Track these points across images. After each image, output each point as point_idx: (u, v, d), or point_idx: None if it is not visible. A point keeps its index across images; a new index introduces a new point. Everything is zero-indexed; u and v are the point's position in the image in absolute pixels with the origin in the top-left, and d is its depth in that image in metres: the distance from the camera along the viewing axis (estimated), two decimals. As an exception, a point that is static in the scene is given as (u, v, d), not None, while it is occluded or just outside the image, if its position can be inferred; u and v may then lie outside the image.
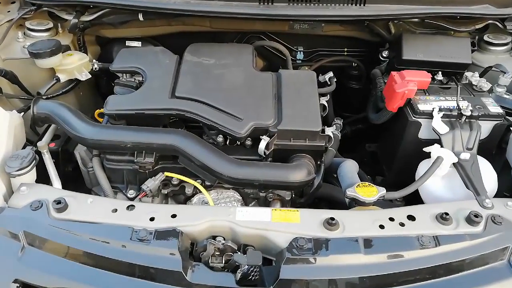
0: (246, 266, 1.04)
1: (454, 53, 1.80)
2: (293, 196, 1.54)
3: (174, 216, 1.19)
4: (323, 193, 1.60)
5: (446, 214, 1.19)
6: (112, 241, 1.11)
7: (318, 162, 1.51)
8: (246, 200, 1.53)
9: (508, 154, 1.55)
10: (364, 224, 1.18)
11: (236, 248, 1.15)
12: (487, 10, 1.82)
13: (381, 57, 1.99)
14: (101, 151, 1.53)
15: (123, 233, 1.12)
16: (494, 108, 1.58)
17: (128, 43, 2.08)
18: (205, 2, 1.77)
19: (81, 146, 1.60)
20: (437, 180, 1.44)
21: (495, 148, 1.62)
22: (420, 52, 1.80)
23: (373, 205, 1.33)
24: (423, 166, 1.49)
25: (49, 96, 1.79)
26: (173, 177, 1.50)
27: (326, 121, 1.75)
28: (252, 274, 1.04)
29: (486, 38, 1.96)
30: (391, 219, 1.20)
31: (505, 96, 1.70)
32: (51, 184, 1.42)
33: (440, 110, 1.54)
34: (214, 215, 1.20)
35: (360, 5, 1.78)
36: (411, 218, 1.20)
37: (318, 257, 1.07)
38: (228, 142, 1.53)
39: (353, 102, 2.25)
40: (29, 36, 1.90)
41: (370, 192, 1.32)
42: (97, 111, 1.79)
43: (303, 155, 1.47)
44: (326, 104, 1.71)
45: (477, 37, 1.99)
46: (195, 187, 1.48)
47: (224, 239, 1.16)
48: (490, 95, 1.68)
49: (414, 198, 1.47)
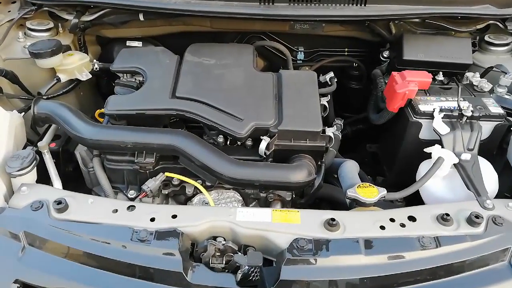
0: (247, 267, 1.04)
1: (455, 54, 1.79)
2: (294, 197, 1.54)
3: (175, 217, 1.19)
4: (324, 194, 1.60)
5: (447, 215, 1.18)
6: (113, 242, 1.11)
7: (319, 163, 1.51)
8: (247, 201, 1.53)
9: (509, 155, 1.55)
10: (365, 225, 1.18)
11: (237, 249, 1.15)
12: (488, 10, 1.82)
13: (382, 57, 1.98)
14: (102, 151, 1.53)
15: (124, 234, 1.12)
16: (495, 109, 1.57)
17: (129, 43, 2.08)
18: (206, 2, 1.77)
19: (82, 146, 1.60)
20: (438, 181, 1.44)
21: (496, 149, 1.62)
22: (421, 53, 1.80)
23: (374, 206, 1.32)
24: (424, 167, 1.48)
25: (50, 96, 1.79)
26: (174, 178, 1.49)
27: (327, 122, 1.75)
28: (253, 275, 1.04)
29: (487, 39, 1.95)
30: (392, 220, 1.20)
31: (506, 97, 1.69)
32: (52, 184, 1.42)
33: (441, 111, 1.53)
34: (215, 216, 1.20)
35: (361, 5, 1.78)
36: (412, 219, 1.20)
37: (319, 258, 1.07)
38: (229, 143, 1.53)
39: (354, 103, 2.25)
40: (30, 36, 1.90)
41: (371, 193, 1.32)
42: (98, 111, 1.79)
43: (304, 156, 1.47)
44: (327, 105, 1.71)
45: (478, 38, 1.99)
46: (196, 188, 1.48)
47: (225, 240, 1.16)
48: (491, 96, 1.67)
49: (415, 199, 1.47)
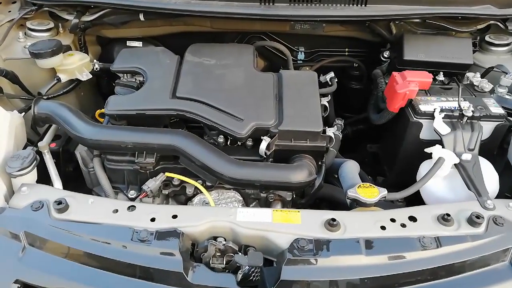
0: (247, 267, 1.04)
1: (456, 54, 1.79)
2: (294, 197, 1.53)
3: (175, 217, 1.19)
4: (324, 194, 1.60)
5: (448, 215, 1.18)
6: (113, 242, 1.11)
7: (319, 163, 1.51)
8: (247, 201, 1.53)
9: (510, 155, 1.54)
10: (365, 225, 1.18)
11: (237, 249, 1.15)
12: (489, 11, 1.82)
13: (382, 58, 1.98)
14: (102, 152, 1.53)
15: (124, 234, 1.12)
16: (496, 109, 1.57)
17: (129, 43, 2.08)
18: (206, 2, 1.77)
19: (82, 146, 1.60)
20: (439, 181, 1.44)
21: (497, 149, 1.62)
22: (422, 53, 1.79)
23: (374, 206, 1.32)
24: (425, 167, 1.48)
25: (50, 96, 1.79)
26: (174, 178, 1.49)
27: (327, 122, 1.75)
28: (253, 275, 1.04)
29: (488, 39, 1.95)
30: (393, 220, 1.20)
31: (507, 97, 1.69)
32: (52, 185, 1.42)
33: (442, 111, 1.53)
34: (215, 216, 1.20)
35: (361, 6, 1.78)
36: (413, 219, 1.20)
37: (319, 258, 1.07)
38: (229, 143, 1.53)
39: (354, 103, 2.25)
40: (30, 36, 1.90)
41: (371, 193, 1.32)
42: (98, 111, 1.79)
43: (304, 156, 1.46)
44: (327, 105, 1.71)
45: (479, 38, 1.99)
46: (196, 188, 1.48)
47: (225, 240, 1.16)
48: (492, 96, 1.67)
49: (416, 199, 1.46)
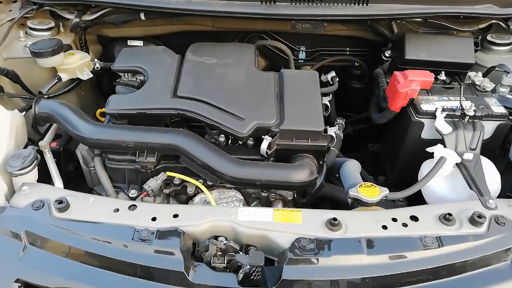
0: (248, 267, 1.04)
1: (457, 53, 1.78)
2: (295, 196, 1.53)
3: (176, 216, 1.18)
4: (326, 193, 1.59)
5: (449, 215, 1.18)
6: (114, 241, 1.11)
7: (320, 162, 1.50)
8: (248, 200, 1.53)
9: (512, 154, 1.54)
10: (367, 225, 1.18)
11: (238, 248, 1.14)
12: (491, 10, 1.81)
13: (384, 57, 1.98)
14: (103, 151, 1.53)
15: (125, 233, 1.12)
16: (498, 108, 1.57)
17: (130, 43, 2.08)
18: (207, 2, 1.77)
19: (83, 146, 1.60)
20: (440, 181, 1.43)
21: (499, 149, 1.61)
22: (423, 52, 1.79)
23: (376, 206, 1.32)
24: (426, 166, 1.48)
25: (51, 96, 1.79)
26: (175, 177, 1.49)
27: (328, 121, 1.75)
28: (254, 275, 1.04)
29: (489, 38, 1.95)
30: (394, 220, 1.19)
31: (509, 96, 1.68)
32: (53, 184, 1.42)
33: (443, 110, 1.53)
34: (216, 215, 1.20)
35: (363, 5, 1.77)
36: (414, 219, 1.20)
37: (321, 258, 1.07)
38: (230, 142, 1.52)
39: (356, 102, 2.24)
40: (31, 35, 1.89)
41: (373, 193, 1.31)
42: (99, 111, 1.79)
43: (305, 155, 1.46)
44: (329, 104, 1.71)
45: (480, 37, 1.98)
46: (197, 187, 1.48)
47: (226, 239, 1.16)
48: (493, 95, 1.67)
49: (417, 199, 1.46)
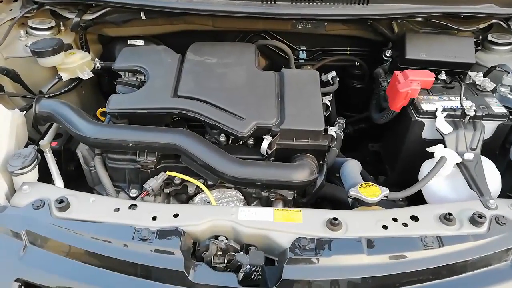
0: (249, 266, 1.04)
1: (458, 53, 1.78)
2: (296, 196, 1.53)
3: (176, 216, 1.18)
4: (326, 193, 1.59)
5: (450, 215, 1.18)
6: (114, 241, 1.11)
7: (321, 162, 1.50)
8: (248, 200, 1.52)
9: (512, 154, 1.54)
10: (367, 224, 1.18)
11: (239, 248, 1.14)
12: (491, 10, 1.81)
13: (384, 57, 1.98)
14: (103, 150, 1.53)
15: (125, 232, 1.12)
16: (498, 108, 1.57)
17: (130, 42, 2.08)
18: (208, 1, 1.77)
19: (83, 145, 1.60)
20: (441, 180, 1.43)
21: (499, 148, 1.61)
22: (424, 52, 1.79)
23: (376, 205, 1.32)
24: (427, 166, 1.48)
25: (51, 95, 1.79)
26: (175, 176, 1.49)
27: (329, 121, 1.75)
28: (255, 274, 1.04)
29: (490, 38, 1.94)
30: (394, 220, 1.19)
31: (509, 96, 1.68)
32: (53, 183, 1.42)
33: (444, 110, 1.53)
34: (216, 215, 1.20)
35: (363, 4, 1.77)
36: (415, 219, 1.20)
37: (321, 257, 1.07)
38: (231, 142, 1.52)
39: (356, 102, 2.24)
40: (31, 35, 1.89)
41: (373, 192, 1.31)
42: (99, 110, 1.79)
43: (306, 155, 1.46)
44: (329, 104, 1.71)
45: (481, 37, 1.98)
46: (197, 187, 1.48)
47: (227, 239, 1.16)
48: (494, 95, 1.67)
49: (417, 198, 1.46)
